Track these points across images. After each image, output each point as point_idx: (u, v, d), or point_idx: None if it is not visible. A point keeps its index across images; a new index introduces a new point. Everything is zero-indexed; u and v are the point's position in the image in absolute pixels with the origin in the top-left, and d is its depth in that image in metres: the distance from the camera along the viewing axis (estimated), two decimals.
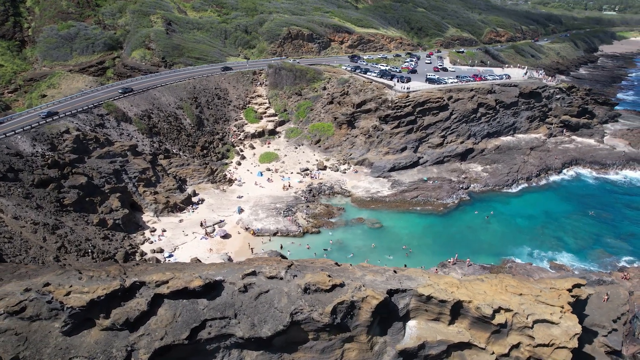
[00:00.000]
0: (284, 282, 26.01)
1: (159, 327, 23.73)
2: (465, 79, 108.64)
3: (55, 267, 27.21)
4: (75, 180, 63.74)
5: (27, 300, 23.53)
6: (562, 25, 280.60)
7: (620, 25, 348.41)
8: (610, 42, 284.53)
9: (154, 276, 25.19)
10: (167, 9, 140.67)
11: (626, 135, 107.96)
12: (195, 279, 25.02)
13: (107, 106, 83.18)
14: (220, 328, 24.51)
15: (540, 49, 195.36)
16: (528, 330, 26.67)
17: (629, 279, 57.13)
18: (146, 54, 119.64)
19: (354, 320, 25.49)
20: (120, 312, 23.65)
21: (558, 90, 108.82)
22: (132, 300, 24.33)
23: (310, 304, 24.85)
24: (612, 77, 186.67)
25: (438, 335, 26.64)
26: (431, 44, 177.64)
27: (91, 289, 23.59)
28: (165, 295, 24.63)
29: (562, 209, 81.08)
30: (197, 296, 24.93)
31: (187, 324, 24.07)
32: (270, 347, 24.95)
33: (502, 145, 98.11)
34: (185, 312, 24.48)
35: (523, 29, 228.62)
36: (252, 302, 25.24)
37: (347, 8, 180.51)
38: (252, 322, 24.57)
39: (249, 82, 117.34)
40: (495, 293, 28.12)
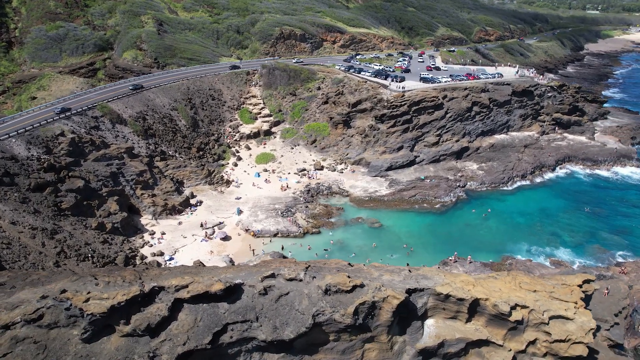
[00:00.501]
0: (304, 283, 25.92)
1: (180, 332, 23.46)
2: (459, 77, 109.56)
3: (69, 273, 26.72)
4: (73, 184, 62.72)
5: (45, 307, 23.07)
6: (548, 24, 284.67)
7: (603, 24, 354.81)
8: (595, 40, 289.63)
9: (172, 281, 24.90)
10: (157, 9, 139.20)
11: (616, 132, 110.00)
12: (215, 283, 24.79)
13: (102, 108, 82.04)
14: (242, 332, 24.33)
15: (529, 47, 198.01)
16: (544, 326, 27.02)
17: (627, 273, 58.25)
18: (138, 54, 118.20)
19: (375, 320, 25.54)
20: (141, 318, 23.32)
21: (549, 89, 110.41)
22: (152, 305, 24.01)
23: (331, 305, 24.83)
24: (599, 75, 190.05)
25: (456, 334, 26.86)
26: (422, 43, 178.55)
27: (110, 295, 23.22)
28: (185, 299, 24.37)
29: (557, 205, 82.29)
30: (217, 300, 24.73)
31: (209, 328, 23.84)
32: (291, 349, 24.87)
33: (497, 143, 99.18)
34: (206, 317, 24.25)
35: (511, 27, 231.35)
36: (273, 304, 25.12)
37: (338, 8, 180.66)
38: (274, 325, 24.46)
39: (242, 83, 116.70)
40: (510, 290, 28.43)
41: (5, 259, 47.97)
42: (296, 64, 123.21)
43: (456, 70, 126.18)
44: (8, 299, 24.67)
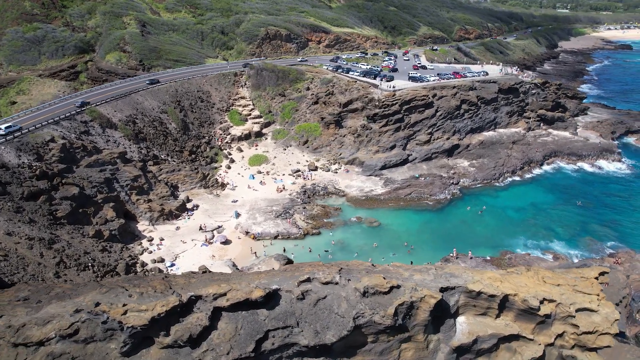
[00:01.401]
0: (340, 287, 25.86)
1: (222, 342, 23.02)
2: (447, 76, 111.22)
3: (95, 285, 25.89)
4: (67, 192, 60.81)
5: (79, 321, 22.27)
6: (523, 22, 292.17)
7: (574, 22, 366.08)
8: (568, 38, 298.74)
9: (209, 289, 24.42)
10: (139, 10, 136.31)
11: (596, 127, 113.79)
12: (255, 289, 24.42)
13: (90, 112, 79.83)
14: (283, 338, 24.07)
15: (508, 45, 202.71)
16: (571, 319, 27.76)
17: (621, 263, 60.38)
18: (122, 57, 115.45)
19: (412, 320, 25.73)
20: (182, 329, 22.76)
21: (533, 86, 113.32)
22: (191, 315, 23.46)
23: (370, 307, 24.87)
24: (574, 72, 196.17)
25: (488, 330, 27.33)
26: (405, 42, 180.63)
27: (149, 307, 22.59)
28: (224, 308, 23.94)
29: (547, 200, 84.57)
30: (256, 307, 24.40)
31: (250, 336, 23.46)
32: (330, 353, 24.78)
33: (486, 140, 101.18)
34: (246, 324, 23.86)
35: (489, 26, 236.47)
36: (312, 309, 24.96)
37: (321, 7, 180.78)
38: (315, 329, 24.31)
39: (230, 84, 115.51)
40: (535, 285, 29.10)
41: (3, 272, 46.22)
42: (301, 62, 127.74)
43: (442, 69, 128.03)
44: (37, 314, 23.77)
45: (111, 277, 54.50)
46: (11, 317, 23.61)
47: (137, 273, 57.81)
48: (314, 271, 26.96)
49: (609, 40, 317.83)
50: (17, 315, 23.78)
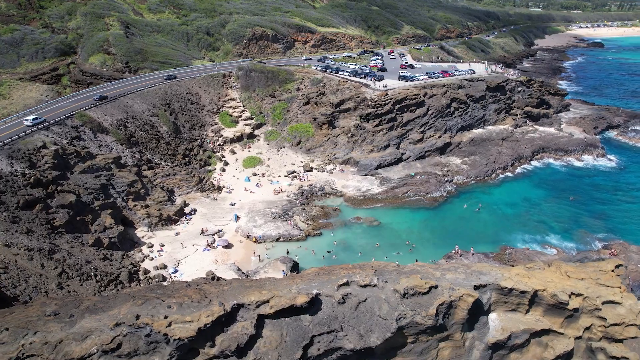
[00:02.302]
0: (378, 289, 25.89)
1: (269, 350, 22.67)
2: (435, 75, 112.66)
3: (127, 297, 25.13)
4: (64, 199, 58.90)
5: (121, 335, 21.58)
6: (500, 21, 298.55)
7: (547, 20, 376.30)
8: (543, 36, 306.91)
9: (251, 296, 24.00)
10: (121, 10, 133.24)
11: (579, 123, 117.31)
12: (299, 295, 24.16)
13: (81, 117, 77.55)
14: (328, 343, 23.92)
15: (488, 43, 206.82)
16: (598, 311, 28.54)
17: (616, 254, 62.34)
18: (106, 59, 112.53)
19: (450, 319, 25.99)
20: (228, 339, 22.28)
21: (519, 83, 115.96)
22: (235, 324, 22.99)
23: (411, 308, 24.98)
24: (552, 69, 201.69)
25: (521, 325, 27.85)
26: (389, 41, 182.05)
27: (194, 317, 22.03)
28: (267, 315, 23.60)
29: (539, 195, 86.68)
30: (299, 313, 24.16)
31: (297, 343, 23.20)
32: (372, 355, 24.78)
33: (476, 137, 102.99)
34: (291, 331, 23.58)
35: (469, 25, 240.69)
36: (353, 312, 24.89)
37: (305, 7, 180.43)
38: (359, 333, 24.26)
39: (219, 86, 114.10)
40: (560, 280, 29.81)
41: (4, 285, 44.54)
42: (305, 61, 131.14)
43: (429, 67, 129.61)
44: (72, 329, 22.95)
45: (114, 286, 53.20)
46: (46, 333, 22.75)
47: (140, 281, 56.59)
48: (350, 274, 26.91)
49: (581, 38, 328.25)
50: (52, 331, 22.93)
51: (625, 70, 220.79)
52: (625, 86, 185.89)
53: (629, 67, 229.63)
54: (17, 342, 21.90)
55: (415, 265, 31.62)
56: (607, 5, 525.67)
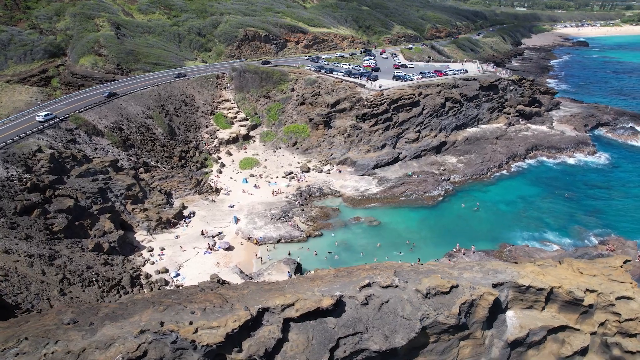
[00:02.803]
0: (400, 289, 25.94)
1: (296, 353, 22.50)
2: (429, 75, 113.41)
3: (146, 303, 24.71)
4: (62, 204, 57.83)
5: (146, 343, 21.20)
6: (487, 20, 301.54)
7: (533, 20, 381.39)
8: (529, 35, 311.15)
9: (276, 300, 23.79)
10: (111, 11, 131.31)
11: (570, 121, 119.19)
12: (324, 298, 24.04)
13: (75, 119, 76.29)
14: (354, 345, 23.86)
15: (477, 43, 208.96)
16: (611, 307, 29.00)
17: (614, 250, 63.47)
18: (97, 60, 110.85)
19: (471, 317, 26.15)
20: (255, 343, 22.02)
21: (511, 82, 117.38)
22: (262, 328, 22.76)
23: (434, 308, 25.09)
24: (541, 67, 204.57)
25: (538, 322, 28.16)
26: (380, 41, 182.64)
27: (220, 323, 21.73)
28: (293, 318, 23.44)
29: (535, 192, 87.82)
30: (324, 315, 24.05)
31: (323, 346, 23.06)
32: (396, 355, 24.79)
33: (471, 136, 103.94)
34: (317, 334, 23.43)
35: (457, 24, 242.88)
36: (377, 313, 24.88)
37: (296, 7, 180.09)
38: (384, 334, 24.25)
39: (213, 87, 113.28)
40: (574, 277, 30.23)
41: (5, 292, 43.63)
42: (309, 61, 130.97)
43: (422, 67, 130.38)
44: (94, 338, 22.50)
45: (117, 291, 52.46)
46: (67, 342, 22.27)
47: (142, 286, 55.90)
48: (371, 275, 26.91)
49: (566, 37, 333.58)
50: (73, 340, 22.46)
51: (610, 68, 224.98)
52: (610, 84, 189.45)
53: (613, 65, 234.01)
54: (38, 352, 21.41)
55: (430, 265, 31.74)
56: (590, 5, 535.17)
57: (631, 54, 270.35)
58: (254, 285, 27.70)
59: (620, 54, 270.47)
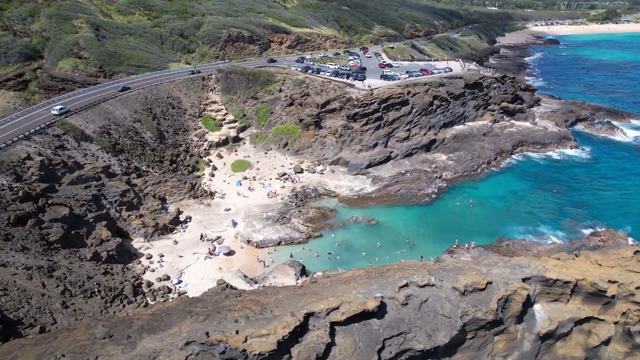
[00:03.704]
0: (437, 288, 26.08)
1: (346, 357, 22.23)
2: (415, 74, 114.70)
3: (182, 314, 23.96)
4: (56, 213, 55.71)
5: (193, 354, 20.55)
6: (462, 19, 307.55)
7: (505, 19, 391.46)
8: (503, 34, 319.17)
9: (320, 304, 23.50)
10: (89, 12, 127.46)
11: (551, 117, 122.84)
12: (369, 300, 23.86)
13: (62, 125, 73.61)
14: (399, 345, 23.82)
15: (455, 41, 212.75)
16: (632, 297, 29.99)
17: (605, 241, 65.68)
18: (78, 63, 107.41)
19: (506, 313, 26.56)
20: (305, 349, 21.65)
21: (494, 80, 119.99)
22: (309, 333, 22.39)
23: (472, 305, 25.34)
24: (517, 65, 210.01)
25: (565, 315, 28.84)
26: (362, 41, 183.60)
27: (270, 330, 21.26)
28: (339, 322, 23.19)
29: (524, 187, 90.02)
30: (367, 317, 23.92)
31: (371, 348, 22.91)
32: (436, 354, 24.93)
33: (459, 134, 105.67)
34: (362, 336, 23.26)
35: (435, 23, 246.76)
36: (417, 313, 24.92)
37: (277, 8, 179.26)
38: (427, 333, 24.32)
39: (199, 89, 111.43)
40: (595, 269, 31.13)
41: (5, 307, 41.77)
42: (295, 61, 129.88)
43: (406, 66, 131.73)
44: (135, 352, 21.70)
45: (120, 301, 50.99)
46: (108, 357, 21.44)
47: (145, 294, 54.48)
48: (406, 275, 26.98)
49: (538, 35, 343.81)
50: (114, 355, 21.63)
51: (581, 65, 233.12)
52: (583, 80, 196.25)
53: (583, 62, 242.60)
54: None
55: (453, 262, 32.06)
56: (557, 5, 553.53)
57: (599, 51, 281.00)
58: (288, 291, 27.34)
59: (589, 51, 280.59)
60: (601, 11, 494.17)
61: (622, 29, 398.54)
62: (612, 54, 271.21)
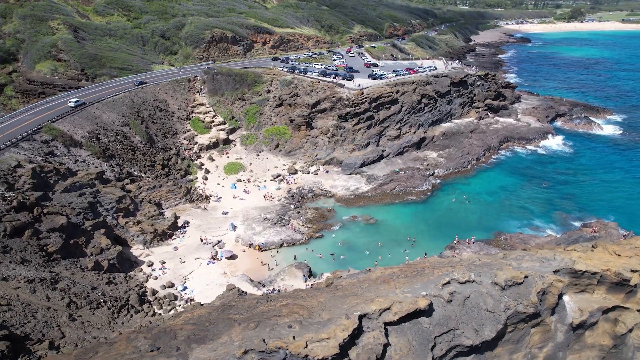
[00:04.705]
0: (477, 283, 26.40)
1: (402, 356, 22.14)
2: (402, 73, 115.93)
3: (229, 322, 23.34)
4: (54, 222, 53.52)
5: None
6: (437, 18, 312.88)
7: (478, 18, 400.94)
8: (477, 32, 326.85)
9: (372, 305, 23.37)
10: (65, 13, 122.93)
11: (533, 113, 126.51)
12: (419, 299, 23.88)
13: (50, 130, 70.80)
14: (449, 342, 23.95)
15: (434, 40, 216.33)
16: None
17: (597, 231, 68.13)
18: (57, 66, 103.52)
19: (543, 305, 27.16)
20: (364, 351, 21.41)
21: (478, 78, 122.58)
22: (364, 335, 22.18)
23: (513, 299, 25.80)
24: (494, 63, 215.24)
25: (594, 305, 29.73)
26: (343, 40, 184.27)
27: (330, 334, 20.94)
28: (391, 322, 23.12)
29: (513, 182, 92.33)
30: (416, 316, 23.95)
31: (424, 346, 22.92)
32: (479, 349, 25.24)
33: (447, 131, 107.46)
34: (415, 335, 23.25)
35: (412, 22, 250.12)
36: (462, 309, 25.14)
37: (257, 8, 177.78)
38: (474, 328, 24.56)
39: (186, 91, 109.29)
40: (615, 259, 32.23)
41: (11, 323, 39.87)
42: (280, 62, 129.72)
43: (391, 65, 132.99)
44: None
45: (127, 311, 49.50)
46: None
47: (151, 303, 53.10)
48: (446, 272, 27.22)
49: (510, 33, 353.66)
50: None
51: (553, 62, 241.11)
52: (556, 76, 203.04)
53: (555, 59, 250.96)
54: None
55: (481, 257, 32.58)
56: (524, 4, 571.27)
57: (568, 49, 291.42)
58: (326, 293, 27.11)
59: (558, 49, 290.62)
60: (566, 10, 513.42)
61: (587, 27, 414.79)
62: (581, 51, 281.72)
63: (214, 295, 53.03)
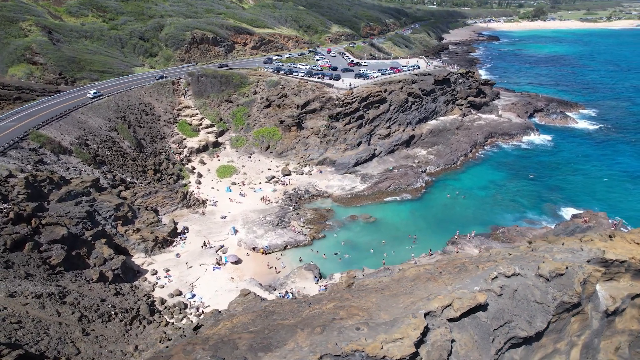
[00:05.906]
0: (522, 276, 27.06)
1: (468, 351, 22.41)
2: (388, 72, 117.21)
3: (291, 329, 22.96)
4: (54, 234, 51.17)
5: None
6: (409, 17, 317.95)
7: (447, 17, 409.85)
8: (448, 31, 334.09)
9: (434, 303, 23.49)
10: (37, 14, 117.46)
11: (513, 109, 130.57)
12: (478, 294, 24.21)
13: (37, 137, 67.59)
14: (505, 334, 24.38)
15: (409, 39, 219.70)
16: None
17: (589, 221, 70.95)
18: (33, 70, 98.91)
19: (583, 294, 28.12)
20: (434, 348, 21.48)
21: (459, 75, 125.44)
22: (430, 332, 22.32)
23: (558, 289, 26.58)
24: (468, 60, 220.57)
25: (623, 292, 31.05)
26: (321, 40, 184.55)
27: (402, 333, 20.84)
28: (454, 319, 23.35)
29: (502, 176, 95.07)
30: (475, 311, 24.29)
31: (485, 340, 23.24)
32: (528, 341, 25.89)
33: (434, 128, 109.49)
34: (475, 330, 23.55)
35: (387, 22, 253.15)
36: (512, 302, 25.66)
37: (235, 8, 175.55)
38: (527, 320, 25.14)
39: (170, 93, 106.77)
40: (636, 247, 33.78)
41: (25, 342, 37.95)
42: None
43: (374, 65, 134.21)
44: None
45: (139, 322, 47.94)
46: None
47: (161, 312, 51.62)
48: (492, 267, 27.77)
49: (479, 32, 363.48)
50: None
51: (522, 59, 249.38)
52: (527, 73, 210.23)
53: (524, 57, 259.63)
54: None
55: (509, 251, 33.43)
56: (489, 3, 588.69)
57: (535, 46, 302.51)
58: (374, 293, 27.15)
59: (526, 46, 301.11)
60: (529, 9, 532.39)
61: (550, 25, 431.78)
62: (547, 48, 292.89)
63: (225, 302, 51.91)
